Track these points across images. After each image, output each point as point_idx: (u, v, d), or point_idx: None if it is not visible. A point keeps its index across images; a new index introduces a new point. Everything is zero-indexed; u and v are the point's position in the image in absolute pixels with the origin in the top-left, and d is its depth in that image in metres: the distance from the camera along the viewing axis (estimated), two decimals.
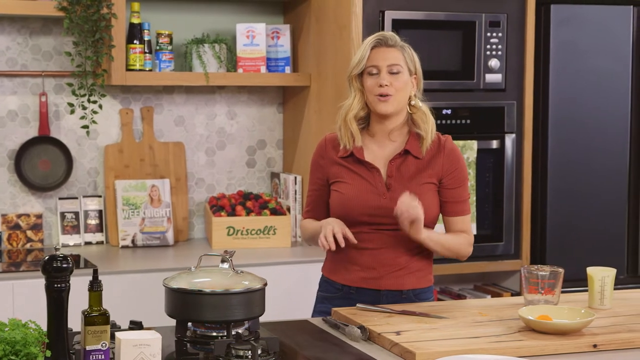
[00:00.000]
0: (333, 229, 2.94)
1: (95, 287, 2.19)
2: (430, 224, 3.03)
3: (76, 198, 4.39)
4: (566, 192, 4.43)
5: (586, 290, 3.11)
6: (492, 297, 4.35)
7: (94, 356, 2.15)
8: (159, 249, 4.31)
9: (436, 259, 4.12)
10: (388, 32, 3.09)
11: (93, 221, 4.39)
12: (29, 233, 4.30)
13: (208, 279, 2.61)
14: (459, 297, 4.44)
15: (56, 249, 2.19)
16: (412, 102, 3.06)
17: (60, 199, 4.37)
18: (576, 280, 3.63)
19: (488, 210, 4.35)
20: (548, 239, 4.42)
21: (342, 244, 2.92)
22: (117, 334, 2.18)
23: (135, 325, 2.57)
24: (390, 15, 4.14)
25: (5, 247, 4.26)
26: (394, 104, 3.00)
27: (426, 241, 2.97)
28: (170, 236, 4.36)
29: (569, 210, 4.43)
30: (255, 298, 2.59)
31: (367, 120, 3.10)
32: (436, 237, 3.01)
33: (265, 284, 2.63)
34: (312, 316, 3.13)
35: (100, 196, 4.42)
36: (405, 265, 3.04)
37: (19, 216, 4.30)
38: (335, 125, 3.11)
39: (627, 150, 4.50)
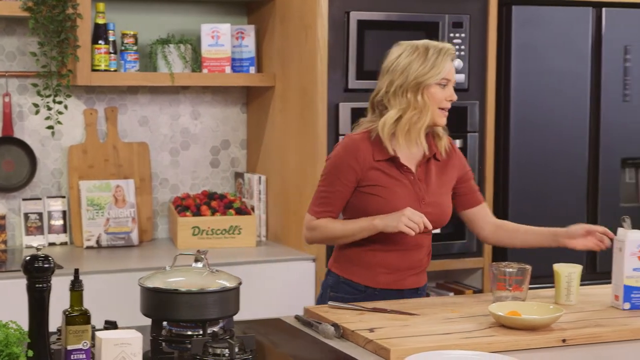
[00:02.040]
0: (414, 214, 2.92)
1: (76, 287, 2.20)
2: (441, 225, 3.16)
3: (40, 199, 4.38)
4: (527, 190, 4.49)
5: (550, 287, 3.18)
6: (455, 294, 4.40)
7: (75, 356, 2.16)
8: (124, 249, 4.31)
9: None
10: (452, 46, 3.10)
11: (57, 222, 4.38)
12: None
13: (183, 278, 2.62)
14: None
15: (37, 249, 2.19)
16: None
17: (23, 199, 4.35)
18: (537, 277, 3.68)
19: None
20: None
21: (430, 227, 2.95)
22: (98, 334, 2.19)
23: (111, 325, 2.57)
24: (355, 16, 4.17)
25: None
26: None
27: None
28: (135, 236, 4.36)
29: (530, 209, 4.49)
30: (230, 297, 2.61)
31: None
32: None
33: (240, 283, 2.65)
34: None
35: (64, 197, 4.41)
36: (424, 266, 3.18)
37: None
38: (381, 128, 3.03)
39: (586, 149, 4.58)
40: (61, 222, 4.38)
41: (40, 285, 2.16)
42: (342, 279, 3.15)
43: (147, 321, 2.63)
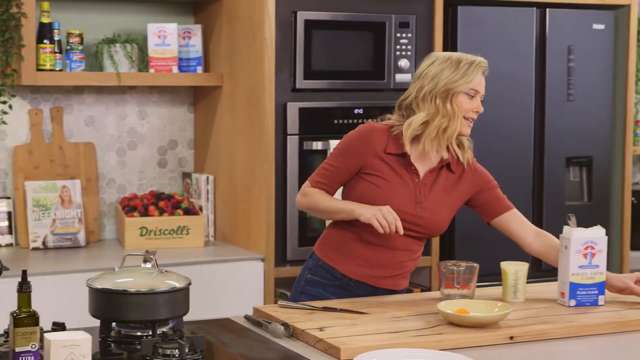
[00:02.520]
0: (390, 214, 2.95)
1: (24, 288, 2.18)
2: (435, 234, 3.21)
3: None
4: None
5: (497, 285, 3.21)
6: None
7: (24, 358, 2.14)
8: (71, 250, 4.27)
9: None
10: (486, 60, 3.11)
11: (2, 223, 4.32)
12: None
13: (132, 279, 2.61)
14: None
15: None
16: None
17: None
18: (484, 275, 3.72)
19: None
20: (456, 236, 4.51)
21: (401, 232, 2.96)
22: (46, 335, 2.18)
23: (59, 327, 2.55)
24: (302, 15, 4.18)
25: None
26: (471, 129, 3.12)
27: None
28: (81, 237, 4.33)
29: None
30: (180, 297, 2.60)
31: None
32: None
33: (189, 283, 2.64)
34: (296, 299, 3.16)
35: (9, 198, 4.36)
36: (405, 270, 3.19)
37: None
38: (405, 127, 3.05)
39: (531, 148, 4.64)
40: (6, 223, 4.33)
41: None
42: (321, 262, 3.19)
43: (96, 322, 2.62)
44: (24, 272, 2.20)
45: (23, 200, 4.31)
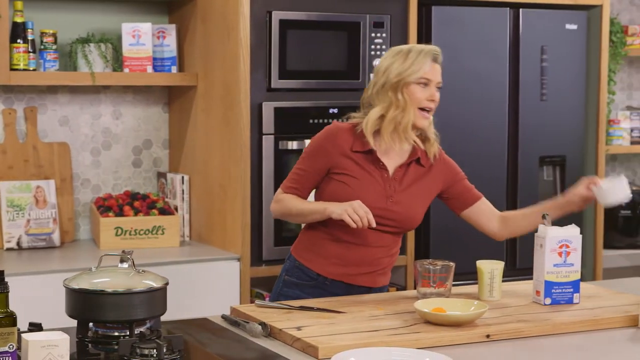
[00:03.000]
0: (361, 208, 2.95)
1: (1, 289, 2.17)
2: (409, 228, 3.21)
3: None
4: None
5: (473, 283, 3.23)
6: None
7: (2, 358, 2.13)
8: (46, 250, 4.25)
9: None
10: (438, 47, 3.14)
11: None
12: None
13: (109, 279, 2.60)
14: None
15: None
16: None
17: None
18: (460, 274, 3.73)
19: None
20: (431, 235, 4.53)
21: (373, 225, 2.96)
22: (24, 336, 2.17)
23: (35, 327, 2.54)
24: (277, 15, 4.18)
25: None
26: (429, 120, 3.13)
27: None
28: (56, 237, 4.31)
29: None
30: (157, 297, 2.60)
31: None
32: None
33: (167, 283, 2.64)
34: (275, 300, 3.16)
35: None
36: (383, 267, 3.19)
37: None
38: (364, 124, 3.09)
39: (505, 148, 4.66)
40: None
41: None
42: (297, 263, 3.21)
43: (72, 322, 2.60)
44: (1, 273, 2.19)
45: None
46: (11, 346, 2.15)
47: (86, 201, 4.58)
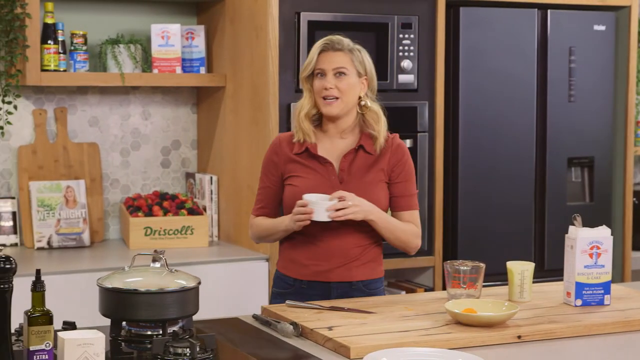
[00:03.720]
0: (299, 207, 3.01)
1: (38, 288, 2.20)
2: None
3: None
4: (476, 190, 4.55)
5: (502, 285, 3.23)
6: (406, 292, 4.44)
7: (38, 356, 2.16)
8: (76, 250, 4.29)
9: None
10: (336, 36, 3.18)
11: (6, 223, 4.34)
12: None
13: (142, 278, 2.62)
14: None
15: None
16: (362, 103, 3.17)
17: None
18: (488, 275, 3.74)
19: None
20: (459, 236, 4.53)
21: (309, 212, 2.99)
22: (60, 334, 2.19)
23: (69, 326, 2.56)
24: (305, 16, 4.19)
25: None
26: (339, 106, 3.11)
27: (377, 222, 3.06)
28: (86, 237, 4.34)
29: (479, 207, 4.56)
30: (189, 296, 2.62)
31: (320, 118, 3.20)
32: (386, 218, 3.11)
33: (199, 283, 2.66)
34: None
35: (13, 198, 4.38)
36: (356, 258, 3.15)
37: None
38: (293, 119, 3.21)
39: (533, 149, 4.65)
40: (11, 223, 4.34)
41: (2, 286, 2.15)
42: (278, 273, 3.25)
43: (104, 321, 2.63)
44: (38, 272, 2.22)
45: (28, 200, 4.32)
46: (47, 344, 2.17)
47: (115, 201, 4.61)
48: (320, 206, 2.99)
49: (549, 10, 4.67)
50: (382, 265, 3.25)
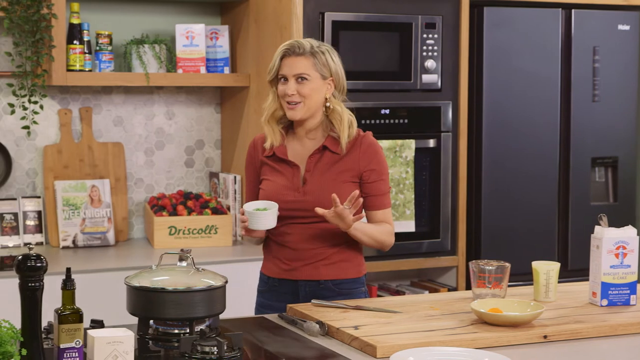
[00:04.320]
0: (239, 218, 3.09)
1: (68, 286, 2.22)
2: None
3: (15, 199, 4.36)
4: (500, 189, 4.55)
5: (526, 285, 3.23)
6: (429, 292, 4.44)
7: (69, 354, 2.17)
8: (101, 249, 4.31)
9: (373, 256, 4.24)
10: (298, 40, 3.17)
11: (32, 222, 4.37)
12: None
13: (170, 277, 2.63)
14: (398, 292, 4.52)
15: (29, 248, 2.20)
16: (328, 104, 3.16)
17: None
18: (512, 275, 3.73)
19: (425, 207, 4.45)
20: (483, 235, 4.54)
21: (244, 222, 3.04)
22: (90, 332, 2.21)
23: (97, 324, 2.58)
24: (330, 17, 4.21)
25: None
26: (302, 111, 3.12)
27: (351, 231, 3.06)
28: (111, 236, 4.37)
29: (503, 207, 4.56)
30: (217, 295, 2.63)
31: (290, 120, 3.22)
32: (360, 226, 3.09)
33: (226, 282, 2.67)
34: (255, 312, 3.26)
35: (39, 197, 4.40)
36: (324, 257, 3.15)
37: None
38: (263, 122, 3.23)
39: (557, 149, 4.65)
40: (36, 222, 4.37)
41: (33, 284, 2.17)
42: (260, 273, 3.31)
43: (129, 320, 2.64)
44: (68, 270, 2.23)
45: (53, 199, 4.35)
46: (77, 342, 2.19)
47: (139, 200, 4.63)
48: (254, 216, 3.03)
49: (573, 10, 4.67)
50: (360, 266, 3.22)
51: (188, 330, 2.58)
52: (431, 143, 4.43)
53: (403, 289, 4.59)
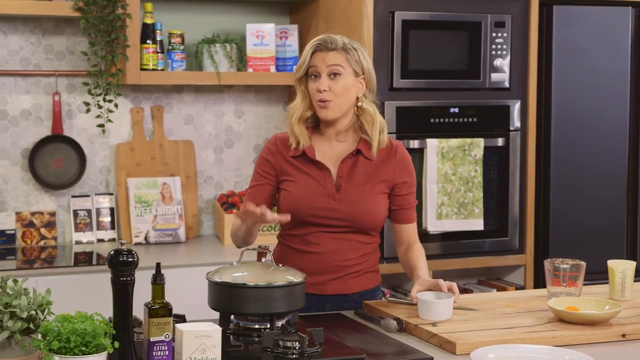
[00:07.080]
0: (243, 206, 2.88)
1: (158, 280, 2.27)
2: (376, 228, 3.06)
3: (88, 196, 4.44)
4: (568, 188, 4.54)
5: (600, 283, 3.22)
6: (497, 290, 4.45)
7: (158, 347, 2.22)
8: (172, 245, 4.37)
9: (439, 254, 4.26)
10: (330, 36, 3.00)
11: (105, 219, 4.44)
12: (43, 230, 4.35)
13: (250, 273, 2.68)
14: (466, 291, 4.53)
15: (121, 244, 2.26)
16: (359, 104, 3.01)
17: (73, 197, 4.42)
18: (586, 274, 3.73)
19: (493, 206, 4.46)
20: (551, 234, 4.53)
21: (252, 209, 2.84)
22: (178, 326, 2.25)
23: (179, 319, 2.63)
24: (400, 15, 4.23)
25: (19, 244, 4.31)
26: (334, 109, 2.96)
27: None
28: (182, 233, 4.43)
29: (571, 206, 4.55)
30: (296, 291, 2.66)
31: (317, 120, 3.05)
32: (425, 270, 3.04)
33: (305, 278, 2.70)
34: None
35: (112, 194, 4.48)
36: (352, 269, 3.04)
37: (33, 214, 4.35)
38: (287, 120, 3.07)
39: (626, 146, 4.63)
40: (109, 218, 4.44)
41: (125, 279, 2.23)
42: None
43: (205, 315, 2.68)
44: (158, 265, 2.28)
45: (125, 196, 4.42)
46: (167, 335, 2.24)
47: (209, 198, 4.69)
48: (441, 305, 2.79)
49: None
50: (378, 273, 3.14)
51: (269, 326, 2.61)
52: (500, 142, 4.44)
53: (471, 287, 4.60)
